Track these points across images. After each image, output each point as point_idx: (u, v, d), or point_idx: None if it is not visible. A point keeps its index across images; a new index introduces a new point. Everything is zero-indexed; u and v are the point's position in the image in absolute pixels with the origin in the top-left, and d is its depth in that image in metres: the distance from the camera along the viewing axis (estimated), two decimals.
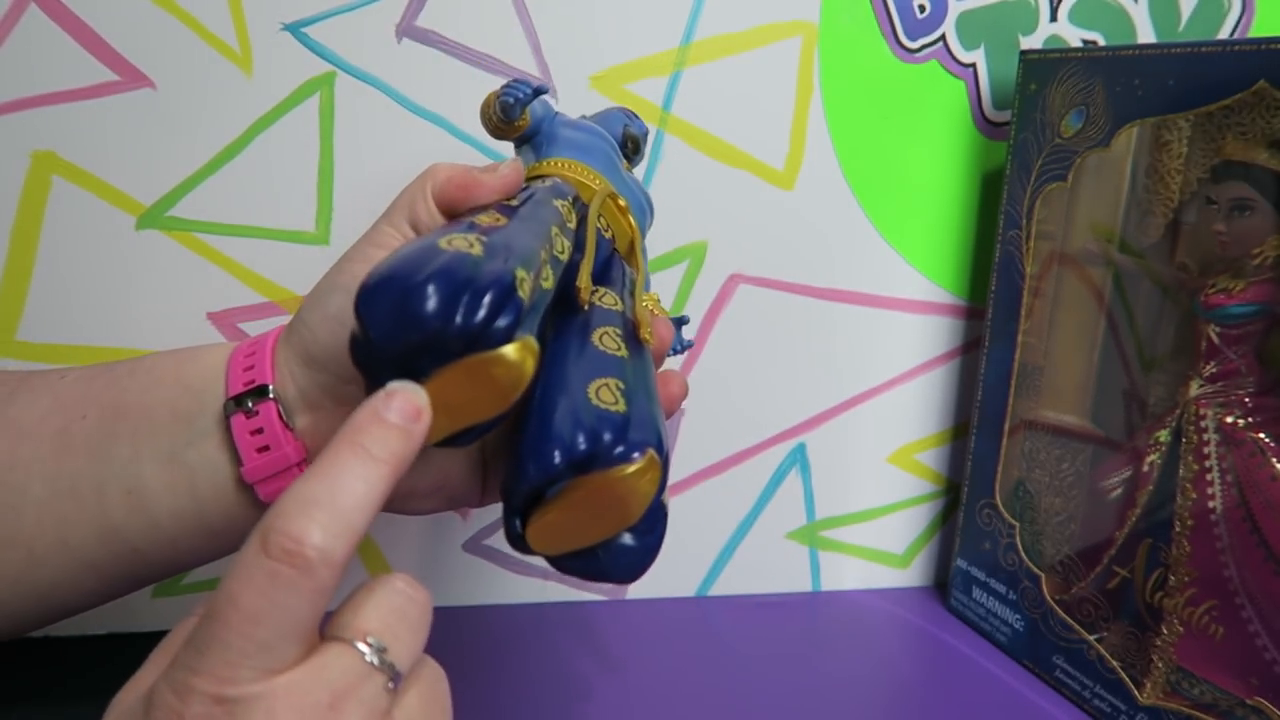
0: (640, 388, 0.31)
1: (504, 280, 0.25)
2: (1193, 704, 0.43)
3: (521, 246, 0.28)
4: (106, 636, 0.53)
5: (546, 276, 0.30)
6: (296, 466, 0.32)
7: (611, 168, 0.40)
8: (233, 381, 0.32)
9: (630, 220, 0.39)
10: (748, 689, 0.50)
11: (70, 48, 0.46)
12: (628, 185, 0.41)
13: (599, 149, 0.40)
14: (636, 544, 0.30)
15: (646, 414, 0.30)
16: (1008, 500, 0.53)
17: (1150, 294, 0.45)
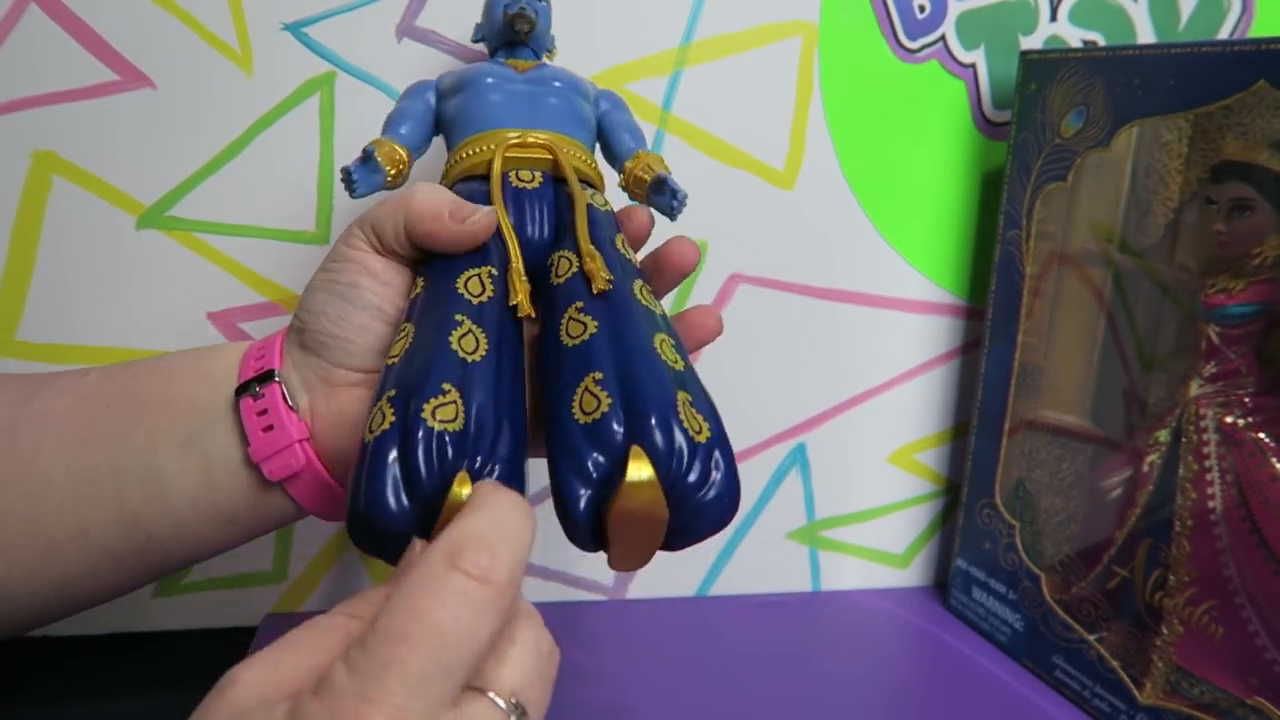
0: (623, 362, 0.30)
1: (412, 458, 0.27)
2: (1192, 704, 0.43)
3: (422, 363, 0.30)
4: (106, 636, 0.53)
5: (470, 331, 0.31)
6: (299, 444, 0.33)
7: (500, 103, 0.37)
8: (244, 370, 0.34)
9: (540, 142, 0.36)
10: (748, 689, 0.50)
11: (70, 47, 0.46)
12: (532, 96, 0.38)
13: (481, 99, 0.38)
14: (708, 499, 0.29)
15: (639, 395, 0.29)
16: (1008, 500, 0.53)
17: (1150, 294, 0.45)
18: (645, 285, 0.34)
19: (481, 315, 0.32)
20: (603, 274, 0.32)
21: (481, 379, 0.30)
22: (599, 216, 0.35)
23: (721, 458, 0.29)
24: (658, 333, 0.31)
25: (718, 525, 0.29)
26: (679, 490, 0.28)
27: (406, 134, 0.38)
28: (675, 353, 0.31)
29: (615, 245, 0.35)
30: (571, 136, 0.37)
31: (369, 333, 0.34)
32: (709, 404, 0.30)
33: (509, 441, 0.29)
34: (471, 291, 0.33)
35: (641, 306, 0.32)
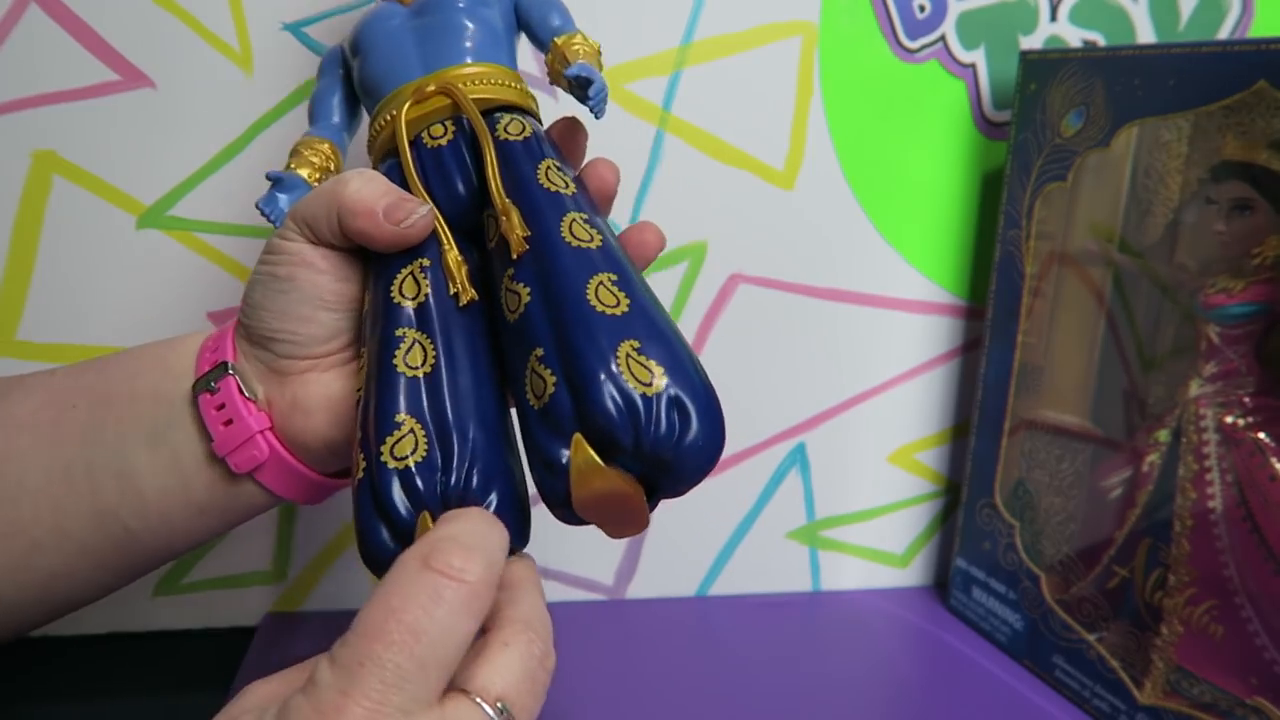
0: (558, 329, 0.28)
1: (387, 504, 0.28)
2: (1192, 703, 0.43)
3: (374, 400, 0.30)
4: (107, 636, 0.53)
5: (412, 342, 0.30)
6: (260, 434, 0.33)
7: (392, 55, 0.35)
8: (200, 364, 0.34)
9: (435, 89, 0.33)
10: (748, 689, 0.50)
11: (71, 47, 0.46)
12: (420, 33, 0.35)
13: (375, 57, 0.35)
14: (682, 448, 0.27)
15: (576, 367, 0.27)
16: (1008, 500, 0.53)
17: (1150, 294, 0.45)
18: (579, 215, 0.31)
19: (423, 320, 0.31)
20: (518, 231, 0.30)
21: (434, 393, 0.29)
22: (515, 151, 0.33)
23: (686, 397, 0.27)
24: (593, 276, 0.29)
25: (702, 468, 0.28)
26: (645, 450, 0.27)
27: (325, 124, 0.37)
28: (616, 292, 0.28)
29: (539, 178, 0.32)
30: (473, 61, 0.34)
31: (313, 323, 0.33)
32: (664, 339, 0.28)
33: (481, 442, 0.29)
34: (407, 295, 0.31)
35: (571, 250, 0.29)
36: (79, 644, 0.52)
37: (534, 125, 0.34)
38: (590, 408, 0.27)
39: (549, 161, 0.32)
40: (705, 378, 0.28)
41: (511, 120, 0.33)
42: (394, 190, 0.32)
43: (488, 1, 0.36)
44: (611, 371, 0.27)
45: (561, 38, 0.35)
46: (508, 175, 0.32)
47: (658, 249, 0.35)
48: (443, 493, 0.28)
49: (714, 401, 0.28)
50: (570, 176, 0.33)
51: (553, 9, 0.36)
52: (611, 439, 0.27)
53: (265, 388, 0.34)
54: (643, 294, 0.29)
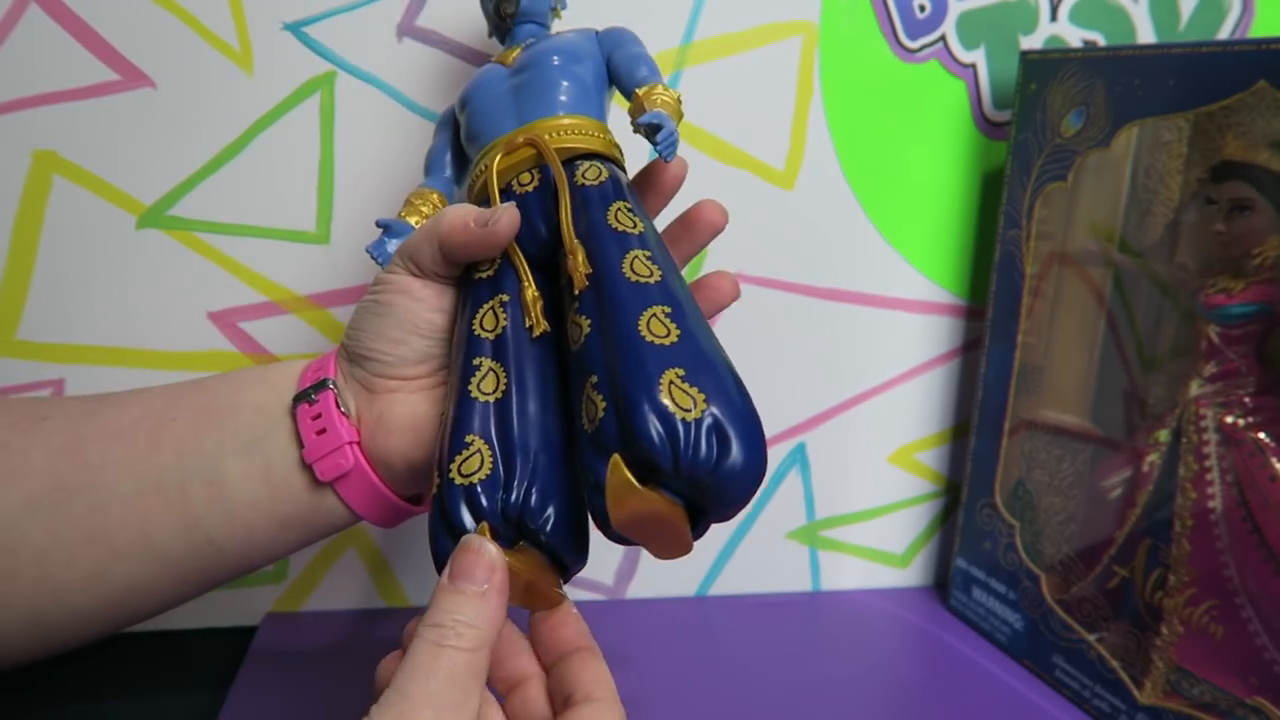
0: (610, 359, 0.30)
1: (453, 518, 0.31)
2: (1192, 704, 0.43)
3: (449, 423, 0.32)
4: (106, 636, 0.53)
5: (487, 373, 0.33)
6: (348, 445, 0.36)
7: (490, 111, 0.38)
8: (304, 379, 0.37)
9: (523, 140, 0.36)
10: (748, 689, 0.50)
11: (71, 47, 0.46)
12: (517, 90, 0.37)
13: (476, 113, 0.38)
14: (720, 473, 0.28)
15: (623, 394, 0.28)
16: (1008, 500, 0.53)
17: (1150, 294, 0.45)
18: (643, 252, 0.32)
19: (499, 351, 0.34)
20: (580, 269, 0.32)
21: (502, 417, 0.32)
22: (590, 196, 0.35)
23: (729, 424, 0.28)
24: (647, 309, 0.30)
25: (743, 491, 0.28)
26: (684, 473, 0.28)
27: (437, 177, 0.41)
28: (668, 323, 0.30)
29: (610, 220, 0.34)
30: (562, 114, 0.36)
31: (404, 345, 0.36)
32: (710, 367, 0.29)
33: (543, 463, 0.31)
34: (486, 328, 0.34)
35: (629, 284, 0.31)
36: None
37: (612, 171, 0.36)
38: (632, 431, 0.28)
39: (620, 204, 0.34)
40: (749, 404, 0.29)
41: (590, 167, 0.36)
42: (480, 209, 0.35)
43: (580, 58, 0.38)
44: (654, 397, 0.28)
45: (643, 88, 0.37)
46: (580, 218, 0.34)
47: (732, 296, 0.38)
48: (503, 508, 0.30)
49: (755, 427, 0.29)
50: (641, 218, 0.34)
51: (640, 63, 0.38)
52: (652, 462, 0.28)
53: (357, 404, 0.37)
54: (695, 325, 0.30)
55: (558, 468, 0.31)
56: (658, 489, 0.28)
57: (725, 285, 0.38)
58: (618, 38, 0.40)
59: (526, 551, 0.31)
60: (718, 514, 0.29)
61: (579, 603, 0.57)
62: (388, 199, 0.50)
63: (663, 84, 0.37)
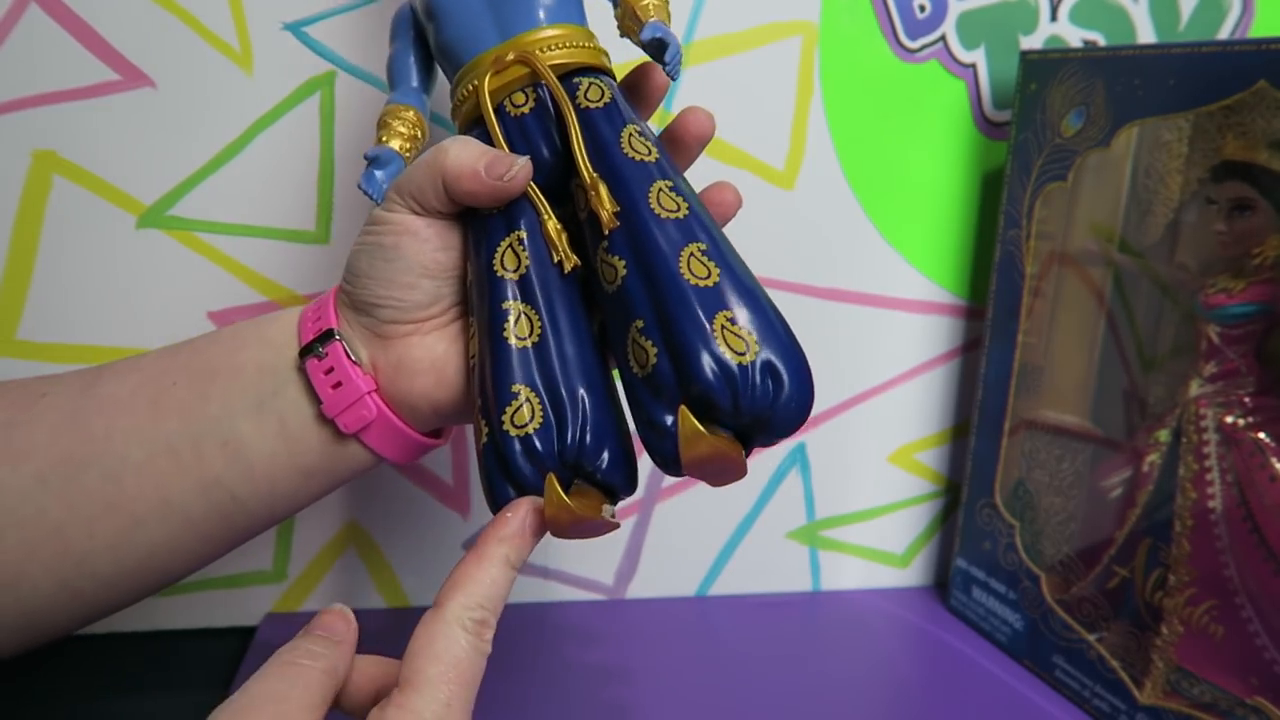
0: (657, 303, 0.30)
1: (514, 469, 0.31)
2: (1192, 704, 0.43)
3: (490, 372, 0.32)
4: (107, 636, 0.53)
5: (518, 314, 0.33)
6: (368, 395, 0.35)
7: (467, 22, 0.35)
8: (304, 333, 0.36)
9: (513, 58, 0.34)
10: (748, 689, 0.50)
11: (71, 47, 0.46)
12: None
13: (449, 23, 0.35)
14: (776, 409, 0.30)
15: (678, 341, 0.29)
16: (1008, 500, 0.53)
17: (1150, 294, 0.45)
18: (665, 183, 0.32)
19: (526, 291, 0.33)
20: (607, 207, 0.32)
21: (543, 361, 0.32)
22: (597, 119, 0.33)
23: (780, 363, 0.29)
24: (685, 248, 0.31)
25: (796, 421, 0.30)
26: (744, 412, 0.29)
27: (406, 89, 0.38)
28: (707, 263, 0.31)
29: (623, 147, 0.33)
30: (548, 23, 0.34)
31: (416, 290, 0.35)
32: (755, 305, 0.30)
33: (590, 403, 0.32)
34: (508, 267, 0.33)
35: (660, 221, 0.31)
36: (79, 644, 0.52)
37: (612, 88, 0.34)
38: (693, 379, 0.29)
39: (630, 128, 0.33)
40: (792, 337, 0.30)
41: (590, 86, 0.34)
42: (491, 150, 0.33)
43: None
44: (710, 344, 0.29)
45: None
46: (592, 146, 0.33)
47: (736, 207, 0.37)
48: (560, 453, 0.31)
49: (803, 361, 0.30)
50: (652, 141, 0.34)
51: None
52: (712, 405, 0.29)
53: (369, 351, 0.36)
54: (731, 260, 0.31)
55: (604, 406, 0.32)
56: (720, 430, 0.30)
57: (729, 197, 0.36)
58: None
59: (584, 490, 0.32)
60: (766, 441, 0.31)
61: (579, 603, 0.57)
62: None
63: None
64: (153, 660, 0.51)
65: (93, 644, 0.52)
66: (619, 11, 0.36)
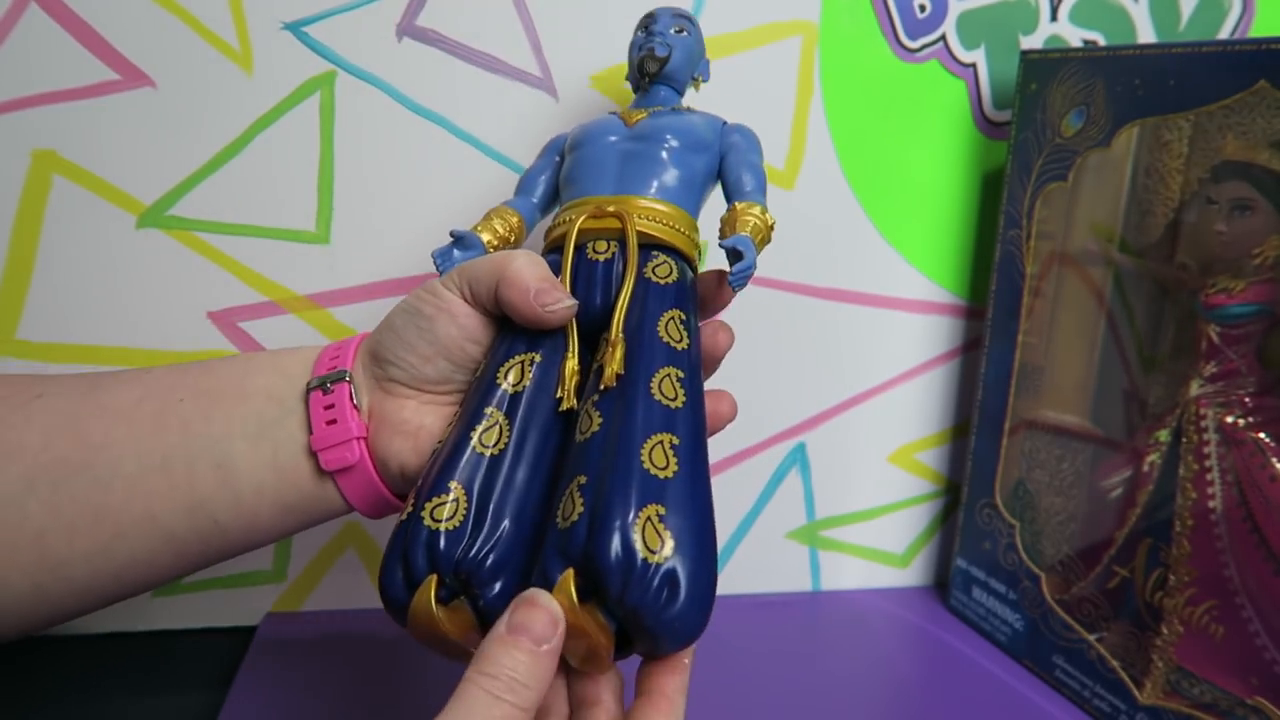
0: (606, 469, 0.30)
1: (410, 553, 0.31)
2: (1193, 704, 0.43)
3: (441, 460, 0.33)
4: (106, 636, 0.53)
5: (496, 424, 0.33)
6: (356, 440, 0.36)
7: (595, 167, 0.38)
8: (319, 366, 0.37)
9: (613, 210, 0.36)
10: (748, 689, 0.50)
11: (71, 47, 0.46)
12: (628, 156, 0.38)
13: (582, 162, 0.39)
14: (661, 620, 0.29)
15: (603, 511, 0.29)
16: (1008, 500, 0.53)
17: (1150, 294, 0.45)
18: (677, 371, 0.33)
19: (512, 406, 0.34)
20: (614, 366, 0.33)
21: (491, 474, 0.32)
22: (652, 292, 0.35)
23: (684, 578, 0.29)
24: (657, 434, 0.31)
25: (677, 642, 0.30)
26: (628, 608, 0.28)
27: (525, 199, 0.41)
28: (670, 456, 0.30)
29: (660, 326, 0.34)
30: (657, 198, 0.37)
31: (430, 364, 0.36)
32: (694, 515, 0.30)
33: (510, 534, 0.32)
34: (510, 380, 0.34)
35: (653, 403, 0.32)
36: (79, 644, 0.52)
37: (682, 271, 0.36)
38: (594, 548, 0.29)
39: (677, 312, 0.35)
40: (711, 564, 0.30)
41: (663, 263, 0.36)
42: (550, 278, 0.35)
43: (697, 147, 0.38)
44: (627, 526, 0.29)
45: (742, 203, 0.37)
46: (634, 312, 0.34)
47: (727, 346, 0.38)
48: (458, 562, 0.31)
49: (709, 588, 0.29)
50: (690, 333, 0.35)
51: (749, 172, 0.38)
52: (602, 586, 0.29)
53: (370, 400, 0.37)
54: (695, 464, 0.31)
55: (520, 544, 0.32)
56: (597, 610, 0.29)
57: (724, 409, 0.38)
58: (739, 141, 0.39)
59: (461, 610, 0.31)
60: (644, 650, 0.30)
61: None
62: (388, 199, 0.50)
63: (762, 205, 0.37)
64: (153, 660, 0.51)
65: (93, 644, 0.52)
66: (725, 216, 0.37)
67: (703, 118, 0.40)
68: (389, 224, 0.51)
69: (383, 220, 0.51)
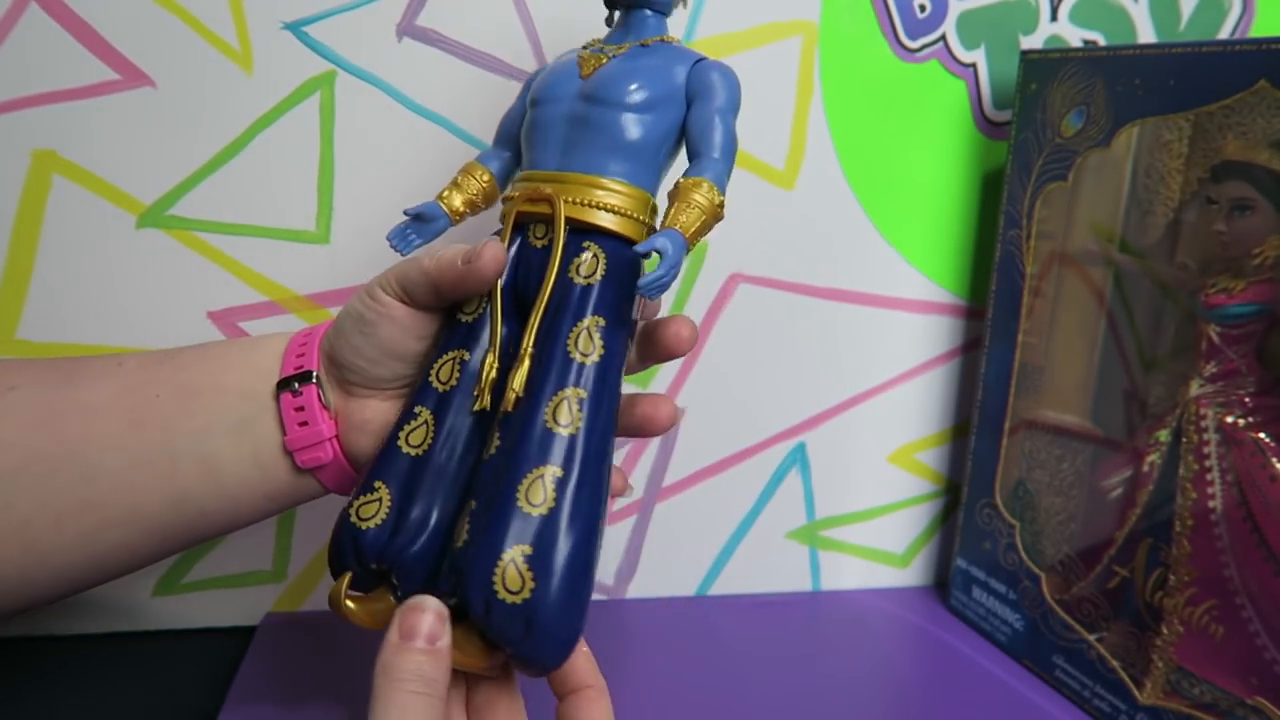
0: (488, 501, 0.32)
1: (338, 547, 0.34)
2: (1193, 704, 0.43)
3: (372, 459, 0.35)
4: (106, 636, 0.53)
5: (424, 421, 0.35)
6: (329, 441, 0.37)
7: (542, 134, 0.35)
8: (286, 365, 0.38)
9: (546, 194, 0.34)
10: (748, 689, 0.50)
11: (71, 47, 0.46)
12: (574, 123, 0.34)
13: (532, 124, 0.36)
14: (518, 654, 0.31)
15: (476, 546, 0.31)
16: (1008, 500, 0.53)
17: (1150, 294, 0.45)
18: (579, 392, 0.32)
19: (441, 405, 0.35)
20: (515, 388, 0.33)
21: (413, 474, 0.34)
22: (570, 296, 0.33)
23: (539, 616, 0.30)
24: (539, 467, 0.31)
25: (539, 669, 0.32)
26: (491, 637, 0.31)
27: (497, 151, 0.39)
28: (550, 490, 0.31)
29: (571, 339, 0.33)
30: (604, 176, 0.34)
31: (380, 365, 0.37)
32: (559, 554, 0.31)
33: (428, 533, 0.33)
34: (441, 379, 0.35)
35: (541, 432, 0.32)
36: (79, 644, 0.52)
37: (611, 265, 0.34)
38: (464, 584, 0.31)
39: (593, 320, 0.33)
40: (580, 596, 0.31)
41: (590, 258, 0.34)
42: (465, 248, 0.35)
43: (662, 101, 0.34)
44: (489, 575, 0.30)
45: (689, 179, 0.33)
46: (548, 321, 0.34)
47: (691, 342, 0.37)
48: (380, 555, 0.33)
49: (570, 620, 0.31)
50: (606, 339, 0.33)
51: (714, 129, 0.34)
52: (472, 616, 0.31)
53: (336, 399, 0.38)
54: (574, 497, 0.31)
55: (438, 541, 0.34)
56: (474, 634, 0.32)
57: (661, 416, 0.38)
58: (713, 83, 0.34)
59: (382, 599, 0.34)
60: (520, 669, 0.33)
61: None
62: (388, 199, 0.50)
63: (710, 180, 0.33)
64: (153, 660, 0.51)
65: (93, 644, 0.52)
66: (670, 192, 0.34)
67: (671, 55, 0.35)
68: (389, 224, 0.50)
69: (383, 220, 0.50)
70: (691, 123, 0.34)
